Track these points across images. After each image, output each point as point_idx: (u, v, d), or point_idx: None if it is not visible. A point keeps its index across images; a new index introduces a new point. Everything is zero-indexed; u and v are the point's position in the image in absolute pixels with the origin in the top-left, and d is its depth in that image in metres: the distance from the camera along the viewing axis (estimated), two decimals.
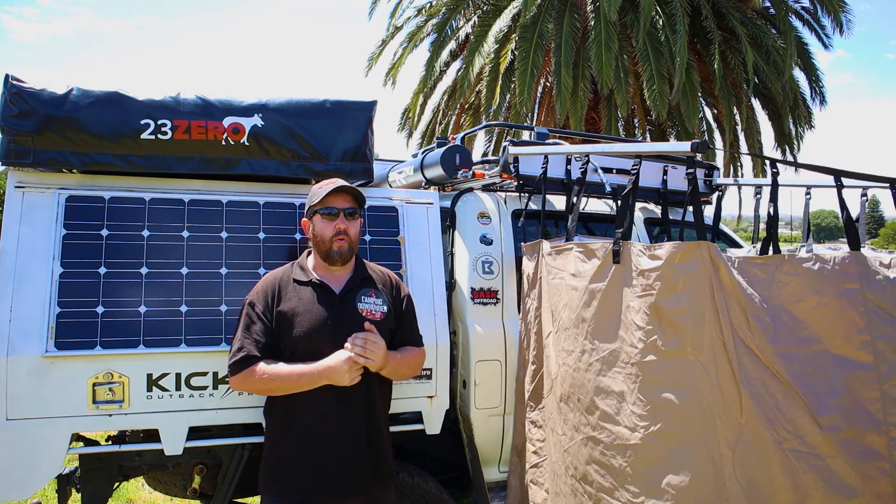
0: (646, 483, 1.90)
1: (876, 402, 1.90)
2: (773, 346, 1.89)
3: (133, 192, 2.38)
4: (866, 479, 1.89)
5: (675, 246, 1.93)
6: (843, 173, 2.18)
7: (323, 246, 2.15)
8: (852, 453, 1.89)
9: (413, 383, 2.58)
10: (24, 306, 2.14)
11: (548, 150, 2.81)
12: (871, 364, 1.91)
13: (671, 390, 1.89)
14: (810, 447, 1.88)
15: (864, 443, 1.90)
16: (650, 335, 1.93)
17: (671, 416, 1.88)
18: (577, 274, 2.24)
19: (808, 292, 1.95)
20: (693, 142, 1.94)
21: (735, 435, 1.86)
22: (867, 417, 1.90)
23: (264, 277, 2.23)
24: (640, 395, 1.93)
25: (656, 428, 1.89)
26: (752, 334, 1.89)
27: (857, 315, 1.93)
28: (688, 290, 1.90)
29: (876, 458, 1.89)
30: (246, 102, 2.41)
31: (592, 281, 2.14)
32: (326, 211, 2.14)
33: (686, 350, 1.89)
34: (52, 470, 2.18)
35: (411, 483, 2.66)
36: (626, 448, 1.95)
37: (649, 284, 1.95)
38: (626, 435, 1.95)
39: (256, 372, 2.03)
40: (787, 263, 1.98)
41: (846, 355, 1.93)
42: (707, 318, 1.88)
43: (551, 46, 9.79)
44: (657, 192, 3.25)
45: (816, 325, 1.94)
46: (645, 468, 1.91)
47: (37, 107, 2.19)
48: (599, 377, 2.06)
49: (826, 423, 1.88)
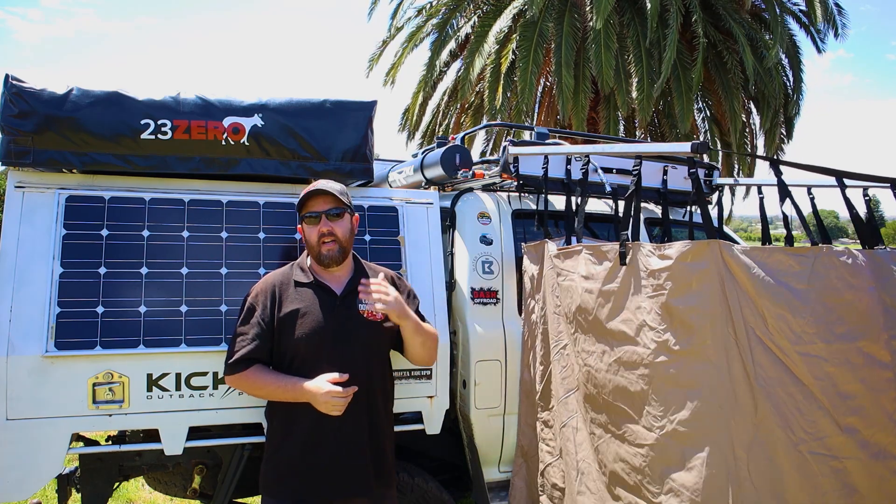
0: (663, 482, 1.92)
1: (892, 402, 1.88)
2: (797, 346, 1.85)
3: (133, 192, 2.38)
4: (879, 479, 1.87)
5: (685, 245, 1.92)
6: (844, 174, 2.18)
7: (313, 251, 2.16)
8: (869, 454, 1.86)
9: (413, 383, 2.58)
10: (24, 306, 2.14)
11: (548, 150, 2.81)
12: (889, 363, 1.88)
13: (684, 390, 1.90)
14: (829, 448, 1.85)
15: (878, 444, 1.88)
16: (662, 335, 1.93)
17: (685, 416, 1.89)
18: (589, 276, 2.24)
19: (844, 286, 1.90)
20: (693, 142, 1.94)
21: (749, 436, 1.84)
22: (885, 418, 1.88)
23: (264, 278, 2.23)
24: (655, 395, 1.95)
25: (671, 428, 1.90)
26: (772, 332, 1.86)
27: (880, 313, 1.90)
28: (699, 290, 1.88)
29: (888, 458, 1.88)
30: (246, 102, 2.41)
31: (605, 283, 2.15)
32: (309, 215, 2.15)
33: (698, 350, 1.88)
34: (52, 470, 2.17)
35: (411, 483, 2.66)
36: (645, 447, 1.97)
37: (660, 284, 1.95)
38: (644, 434, 1.98)
39: (247, 377, 2.09)
40: (826, 255, 1.92)
41: (874, 354, 1.89)
42: (719, 317, 1.87)
43: (552, 46, 9.79)
44: (657, 192, 3.24)
45: (852, 321, 1.89)
46: (662, 468, 1.93)
47: (37, 107, 2.19)
48: (618, 377, 2.08)
49: (846, 425, 1.85)
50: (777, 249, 1.95)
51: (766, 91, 10.23)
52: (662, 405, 1.92)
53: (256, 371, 2.08)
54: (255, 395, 2.15)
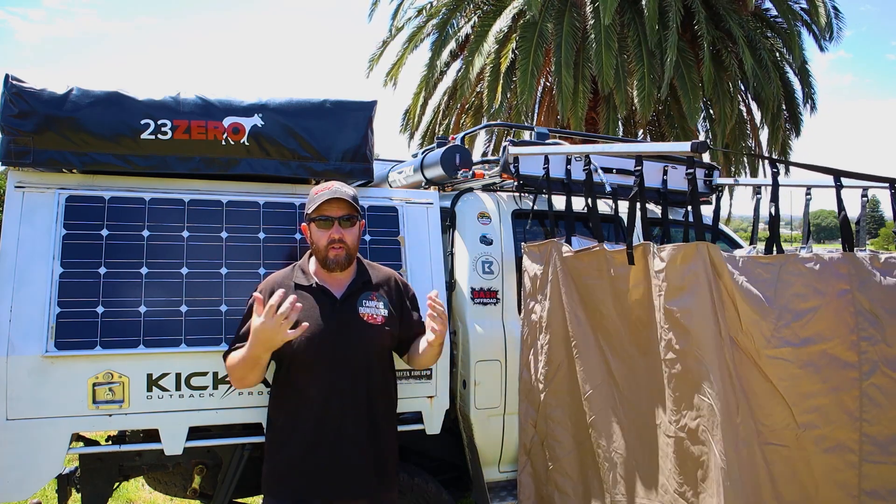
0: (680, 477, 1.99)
1: (855, 400, 1.96)
2: (767, 350, 1.92)
3: (133, 192, 2.38)
4: (832, 470, 1.96)
5: (675, 248, 1.97)
6: (843, 173, 2.18)
7: (319, 254, 2.15)
8: (823, 449, 1.96)
9: (413, 383, 2.58)
10: (24, 306, 2.14)
11: (548, 150, 2.80)
12: (855, 363, 1.96)
13: (689, 389, 1.96)
14: (781, 440, 1.96)
15: (836, 439, 1.97)
16: (667, 334, 2.00)
17: (692, 413, 1.95)
18: (616, 277, 2.29)
19: (810, 292, 1.97)
20: (693, 142, 1.94)
21: (734, 436, 1.89)
22: (845, 415, 1.96)
23: (267, 280, 2.23)
24: (671, 391, 2.02)
25: (682, 424, 1.98)
26: (745, 336, 1.94)
27: (849, 315, 1.97)
28: (690, 292, 1.94)
29: (845, 451, 1.96)
30: (246, 102, 2.41)
31: (631, 283, 2.21)
32: (322, 219, 2.13)
33: (693, 350, 1.93)
34: (52, 470, 2.18)
35: (411, 483, 2.66)
36: (669, 440, 2.04)
37: (659, 285, 2.03)
38: (667, 429, 2.05)
39: (228, 364, 2.10)
40: (791, 263, 2.00)
41: (839, 356, 1.97)
42: (709, 319, 1.91)
43: (552, 46, 9.79)
44: (657, 192, 3.24)
45: (818, 325, 1.96)
46: (680, 463, 2.00)
47: (37, 107, 2.19)
48: (646, 375, 2.16)
49: (803, 422, 1.95)
50: (748, 258, 2.02)
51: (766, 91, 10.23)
52: (676, 401, 2.00)
53: (231, 356, 2.08)
54: (239, 376, 2.07)
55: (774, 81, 10.19)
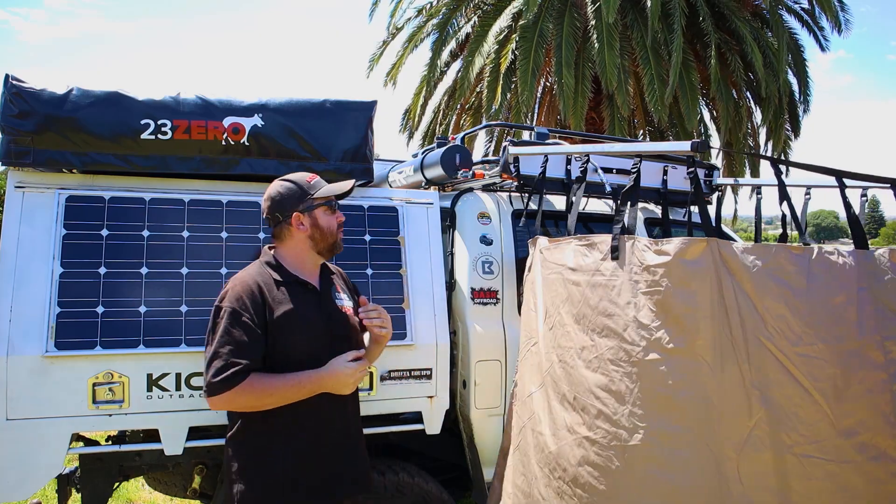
0: (644, 486, 1.85)
1: (887, 404, 1.86)
2: (798, 347, 1.82)
3: (133, 192, 2.38)
4: (876, 482, 1.84)
5: (683, 242, 1.85)
6: (844, 174, 2.17)
7: (330, 238, 2.06)
8: (867, 457, 1.84)
9: (413, 383, 2.58)
10: (24, 306, 2.14)
11: (548, 150, 2.80)
12: (882, 364, 1.86)
13: (674, 390, 1.83)
14: (824, 452, 1.82)
15: (877, 447, 1.85)
16: (654, 333, 1.86)
17: (673, 416, 1.83)
18: (577, 268, 2.16)
19: (837, 287, 1.88)
20: (693, 141, 1.93)
21: (741, 437, 1.81)
22: (882, 420, 1.85)
23: (239, 282, 1.95)
24: (641, 394, 1.87)
25: (657, 429, 1.84)
26: (771, 333, 1.82)
27: (871, 314, 1.88)
28: (696, 288, 1.84)
29: (887, 460, 1.85)
30: (246, 102, 2.41)
31: (594, 275, 2.06)
32: (330, 204, 2.07)
33: (692, 349, 1.83)
34: (52, 470, 2.17)
35: (411, 483, 2.66)
36: (625, 450, 1.88)
37: (655, 280, 1.89)
38: (625, 436, 1.88)
39: (251, 388, 1.83)
40: (820, 255, 1.90)
41: (868, 355, 1.86)
42: (715, 317, 1.83)
43: (552, 46, 9.79)
44: (657, 192, 3.24)
45: (846, 322, 1.86)
46: (644, 471, 1.85)
47: (37, 107, 2.19)
48: (598, 375, 1.98)
49: (844, 428, 1.82)
50: (776, 247, 1.91)
51: (769, 90, 10.23)
52: (650, 405, 1.85)
53: (258, 378, 1.85)
54: (256, 406, 1.88)
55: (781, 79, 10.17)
